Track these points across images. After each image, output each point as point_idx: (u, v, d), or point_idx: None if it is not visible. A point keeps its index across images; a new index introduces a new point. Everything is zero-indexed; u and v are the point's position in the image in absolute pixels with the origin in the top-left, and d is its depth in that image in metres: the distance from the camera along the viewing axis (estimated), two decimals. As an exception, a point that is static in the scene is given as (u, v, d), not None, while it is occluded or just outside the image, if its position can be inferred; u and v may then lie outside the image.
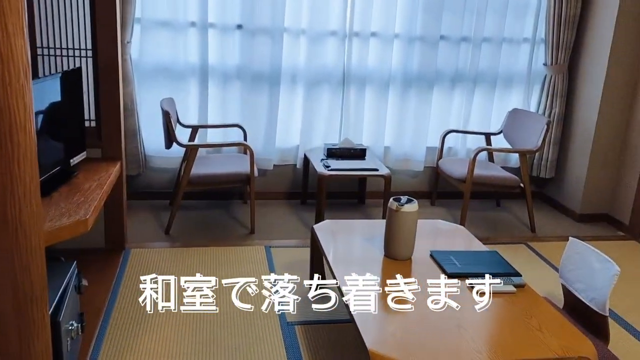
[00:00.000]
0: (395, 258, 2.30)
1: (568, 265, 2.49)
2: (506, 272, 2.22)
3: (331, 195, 4.20)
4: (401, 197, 2.31)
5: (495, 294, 2.04)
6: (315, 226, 2.62)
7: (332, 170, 3.41)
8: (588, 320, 2.36)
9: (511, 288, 2.07)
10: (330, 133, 4.05)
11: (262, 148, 3.94)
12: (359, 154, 3.77)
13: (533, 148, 3.63)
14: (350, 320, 1.87)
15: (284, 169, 4.10)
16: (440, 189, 4.33)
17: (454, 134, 4.18)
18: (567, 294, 2.52)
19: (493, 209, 4.18)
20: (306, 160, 3.93)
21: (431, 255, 2.36)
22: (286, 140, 4.02)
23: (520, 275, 2.20)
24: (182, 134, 3.72)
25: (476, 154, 3.53)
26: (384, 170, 3.46)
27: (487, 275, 2.11)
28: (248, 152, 3.37)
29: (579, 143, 4.03)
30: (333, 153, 3.73)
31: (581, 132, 4.01)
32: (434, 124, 4.17)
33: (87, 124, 2.92)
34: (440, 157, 4.08)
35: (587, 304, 2.32)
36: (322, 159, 3.66)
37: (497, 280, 2.10)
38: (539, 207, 4.28)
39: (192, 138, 3.71)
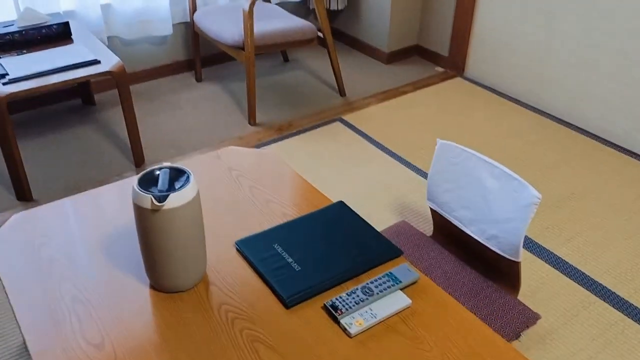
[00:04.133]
0: (169, 290, 1.21)
1: (441, 182, 1.68)
2: (380, 253, 1.31)
3: (33, 103, 2.71)
4: (157, 170, 1.15)
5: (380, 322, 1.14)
6: (-9, 240, 1.33)
7: (11, 82, 1.96)
8: (480, 259, 1.65)
9: (403, 300, 1.17)
10: (-3, 1, 2.43)
11: None
12: (59, 33, 2.31)
13: (328, -22, 2.56)
14: None
15: None
16: (204, 52, 3.12)
17: (207, -33, 2.87)
18: (440, 219, 1.75)
19: (282, 69, 3.16)
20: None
21: (239, 251, 1.32)
22: None
23: (400, 253, 1.31)
24: None
25: (252, 5, 2.35)
26: (110, 60, 2.12)
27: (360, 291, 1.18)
28: None
29: (376, -45, 3.08)
30: (10, 42, 2.20)
31: (377, -60, 3.04)
32: (172, -44, 2.79)
33: None
34: (194, 7, 2.80)
35: (484, 243, 1.57)
36: (-9, 59, 2.13)
37: (384, 295, 1.18)
38: (336, 51, 3.38)
39: None
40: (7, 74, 1.99)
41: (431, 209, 1.75)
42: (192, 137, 2.51)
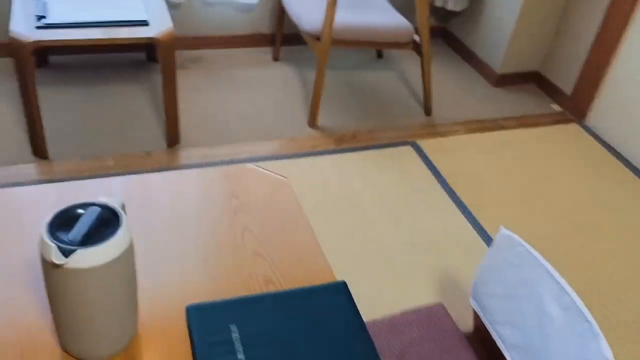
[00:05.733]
0: (80, 358, 0.94)
1: (491, 282, 1.29)
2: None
3: (93, 47, 2.57)
4: (85, 206, 0.87)
5: None
6: None
7: (45, 28, 1.77)
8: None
9: None
10: None
11: None
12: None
13: (441, -25, 2.16)
14: None
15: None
16: (289, 30, 2.84)
17: None
18: (481, 324, 1.37)
19: (370, 65, 2.82)
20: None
21: (189, 321, 1.02)
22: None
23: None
24: None
25: (339, -11, 2.02)
26: (160, 24, 1.89)
27: None
28: None
29: (513, -43, 2.61)
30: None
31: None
32: None
33: None
34: (285, -21, 2.51)
35: (525, 381, 1.18)
36: (39, -4, 1.96)
37: None
38: (440, 54, 2.96)
39: None
40: (44, 17, 1.80)
41: (472, 305, 1.37)
42: (241, 126, 2.25)
